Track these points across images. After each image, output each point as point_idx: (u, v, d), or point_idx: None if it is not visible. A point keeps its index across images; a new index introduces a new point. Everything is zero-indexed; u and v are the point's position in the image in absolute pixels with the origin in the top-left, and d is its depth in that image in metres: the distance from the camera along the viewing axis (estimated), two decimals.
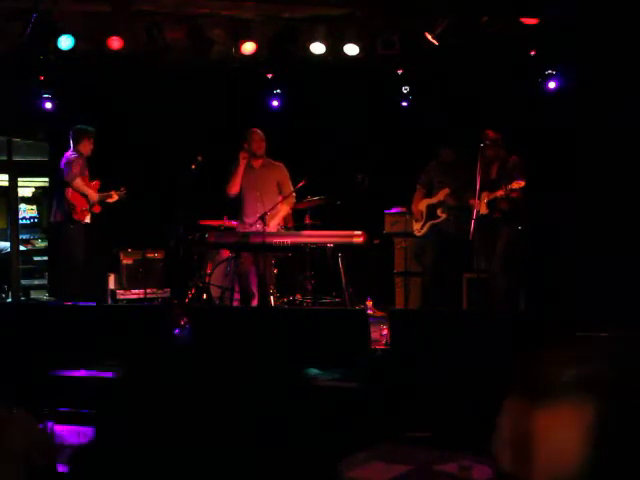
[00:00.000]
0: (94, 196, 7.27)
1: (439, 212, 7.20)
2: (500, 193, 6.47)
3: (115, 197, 7.41)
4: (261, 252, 6.78)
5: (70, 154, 7.25)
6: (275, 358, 0.90)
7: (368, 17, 6.96)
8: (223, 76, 8.10)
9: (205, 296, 7.39)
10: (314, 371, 4.55)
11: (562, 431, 0.75)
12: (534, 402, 0.77)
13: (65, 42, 6.82)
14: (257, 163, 7.02)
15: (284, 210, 7.11)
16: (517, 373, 0.81)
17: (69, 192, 7.18)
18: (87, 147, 7.27)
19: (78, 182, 7.17)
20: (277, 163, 7.10)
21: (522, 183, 6.30)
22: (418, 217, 7.35)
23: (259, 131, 7.02)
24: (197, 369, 0.86)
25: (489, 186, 6.56)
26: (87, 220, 7.29)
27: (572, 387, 0.75)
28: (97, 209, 7.35)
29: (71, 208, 7.19)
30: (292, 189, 6.99)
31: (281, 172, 7.07)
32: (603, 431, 0.72)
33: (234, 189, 6.99)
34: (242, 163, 6.92)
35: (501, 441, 0.80)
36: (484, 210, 6.58)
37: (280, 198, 6.95)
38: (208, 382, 0.84)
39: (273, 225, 6.92)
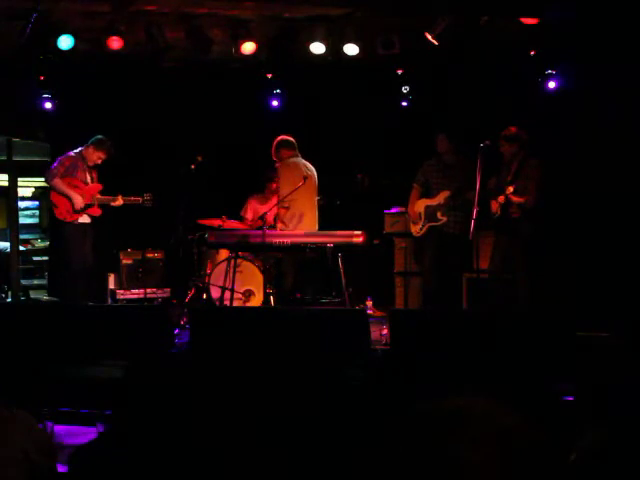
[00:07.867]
0: (78, 200, 7.13)
1: (439, 215, 7.16)
2: (501, 199, 6.44)
3: (120, 201, 7.30)
4: (262, 252, 6.80)
5: (66, 153, 7.25)
6: (275, 358, 0.90)
7: (368, 17, 6.95)
8: (223, 76, 8.10)
9: (205, 296, 7.38)
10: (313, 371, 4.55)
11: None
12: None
13: (65, 42, 6.81)
14: None
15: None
16: None
17: (52, 191, 7.22)
18: (91, 155, 7.25)
19: (56, 182, 7.14)
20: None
21: (511, 189, 6.31)
22: (415, 219, 7.32)
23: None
24: (197, 369, 0.86)
25: (504, 188, 6.48)
26: (83, 220, 7.23)
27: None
28: (96, 212, 7.26)
29: (53, 208, 7.21)
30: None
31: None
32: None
33: None
34: None
35: None
36: (499, 212, 6.51)
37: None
38: (208, 382, 0.84)
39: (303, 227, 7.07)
